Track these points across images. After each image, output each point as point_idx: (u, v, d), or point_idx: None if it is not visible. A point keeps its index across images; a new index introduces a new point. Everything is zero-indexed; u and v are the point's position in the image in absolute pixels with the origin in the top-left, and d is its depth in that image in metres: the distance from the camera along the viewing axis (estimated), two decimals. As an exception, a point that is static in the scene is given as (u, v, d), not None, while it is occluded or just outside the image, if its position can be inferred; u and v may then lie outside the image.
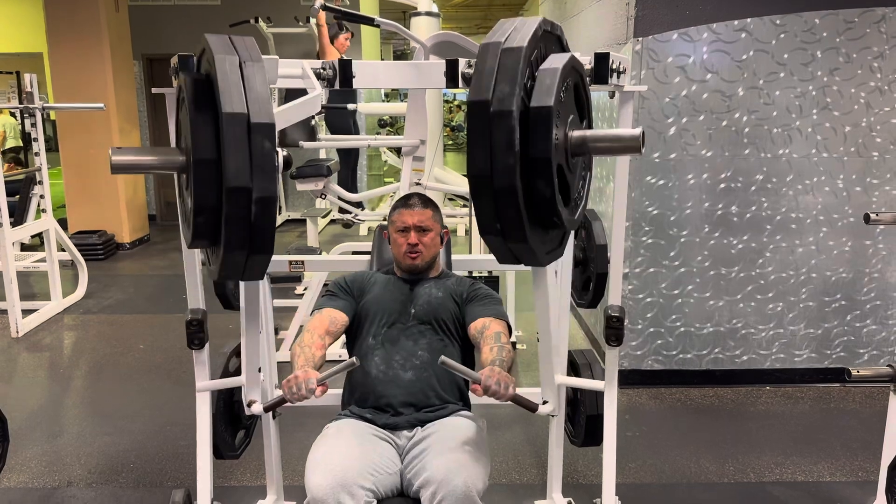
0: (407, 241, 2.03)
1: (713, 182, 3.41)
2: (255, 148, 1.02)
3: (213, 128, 1.07)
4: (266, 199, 1.04)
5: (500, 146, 1.01)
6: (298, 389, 1.65)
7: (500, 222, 1.06)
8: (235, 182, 1.02)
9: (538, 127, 1.03)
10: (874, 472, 2.64)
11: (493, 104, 1.01)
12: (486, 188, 1.03)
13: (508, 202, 1.03)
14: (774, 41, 3.29)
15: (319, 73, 1.82)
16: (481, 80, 1.04)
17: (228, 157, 1.02)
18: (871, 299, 3.56)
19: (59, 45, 6.33)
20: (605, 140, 1.18)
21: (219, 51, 1.09)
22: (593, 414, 2.23)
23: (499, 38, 1.08)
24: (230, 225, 1.05)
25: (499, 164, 1.01)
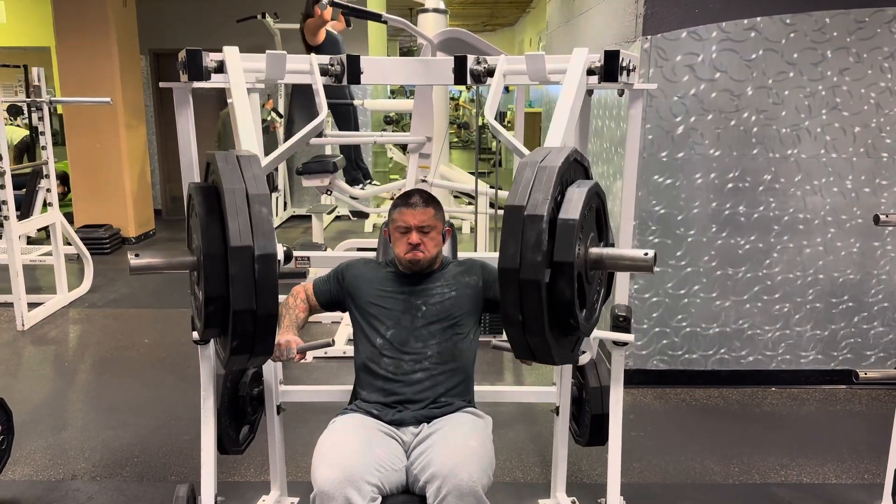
0: (408, 240, 2.00)
1: (721, 182, 3.40)
2: (260, 275, 1.19)
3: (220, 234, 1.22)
4: (267, 316, 1.21)
5: (530, 245, 1.15)
6: (281, 354, 1.85)
7: (523, 313, 1.18)
8: (240, 306, 1.19)
9: (564, 235, 1.17)
10: (880, 474, 2.63)
11: (527, 209, 1.16)
12: (513, 280, 1.16)
13: (532, 294, 1.16)
14: (784, 40, 3.27)
15: (327, 68, 1.82)
16: (518, 189, 1.18)
17: (234, 288, 1.18)
18: (879, 301, 3.55)
19: (67, 40, 6.34)
20: (620, 259, 1.31)
21: (227, 183, 1.23)
22: (598, 413, 2.22)
23: (536, 157, 1.23)
24: (236, 337, 1.22)
25: (527, 260, 1.15)
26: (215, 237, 1.23)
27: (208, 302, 1.24)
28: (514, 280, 1.17)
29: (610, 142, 3.86)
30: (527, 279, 1.15)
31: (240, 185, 1.23)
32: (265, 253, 1.19)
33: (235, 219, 1.19)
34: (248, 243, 1.19)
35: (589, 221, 1.29)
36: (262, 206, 1.22)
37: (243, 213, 1.20)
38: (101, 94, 5.37)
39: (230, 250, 1.18)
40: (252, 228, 1.19)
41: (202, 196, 1.29)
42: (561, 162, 1.21)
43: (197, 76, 1.68)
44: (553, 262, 1.17)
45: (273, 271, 1.21)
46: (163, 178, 8.26)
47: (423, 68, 1.94)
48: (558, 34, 5.59)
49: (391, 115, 9.45)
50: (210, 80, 1.71)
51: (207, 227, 1.24)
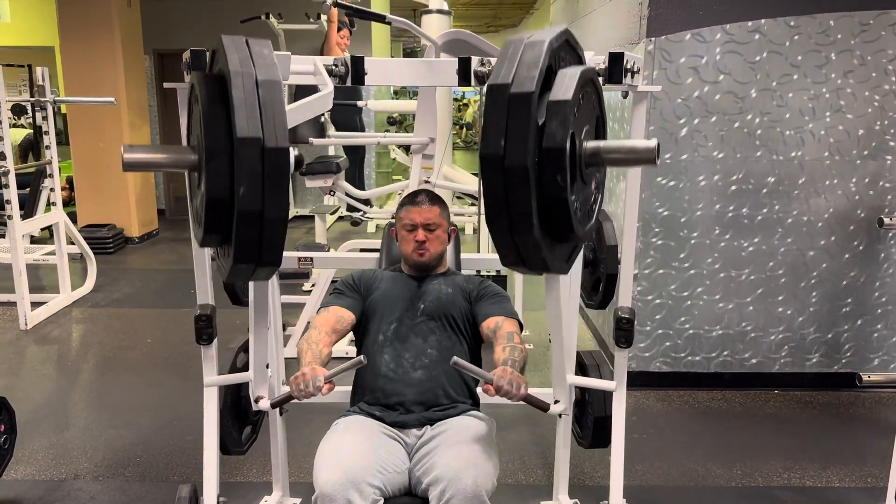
0: (415, 238, 2.03)
1: (724, 184, 3.39)
2: (269, 173, 1.03)
3: (226, 126, 1.07)
4: (277, 220, 1.06)
5: (516, 126, 0.99)
6: (306, 387, 1.65)
7: (508, 208, 1.02)
8: (247, 206, 1.04)
9: (555, 119, 1.02)
10: (883, 478, 2.62)
11: (512, 86, 1.00)
12: (497, 168, 1.00)
13: (519, 184, 1.00)
14: (788, 43, 3.26)
15: (331, 69, 1.81)
16: (503, 66, 1.03)
17: (240, 181, 1.03)
18: (883, 304, 3.54)
19: (71, 40, 6.35)
20: (619, 151, 1.15)
21: (234, 63, 1.08)
22: (601, 416, 2.22)
23: (523, 36, 1.10)
24: (240, 244, 1.07)
25: (512, 145, 0.99)
26: (220, 128, 1.07)
27: (210, 203, 1.08)
28: (497, 168, 1.01)
29: (613, 143, 3.85)
30: (512, 165, 1.00)
31: (249, 69, 1.07)
32: (276, 146, 1.04)
33: (242, 107, 1.03)
34: (257, 135, 1.03)
35: (583, 113, 1.13)
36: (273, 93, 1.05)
37: (252, 101, 1.04)
38: (105, 94, 5.39)
39: (236, 141, 1.03)
40: (262, 118, 1.04)
41: (205, 83, 1.14)
42: (552, 37, 1.06)
43: (201, 76, 1.67)
44: (542, 149, 1.01)
45: (285, 167, 1.06)
46: (166, 178, 8.27)
47: (427, 69, 1.93)
48: (562, 36, 5.58)
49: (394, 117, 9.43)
50: (214, 80, 1.70)
51: (210, 118, 1.08)
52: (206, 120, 1.07)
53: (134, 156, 1.17)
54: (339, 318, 1.99)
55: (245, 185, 1.02)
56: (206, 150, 1.06)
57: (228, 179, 1.05)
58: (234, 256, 1.09)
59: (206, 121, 1.07)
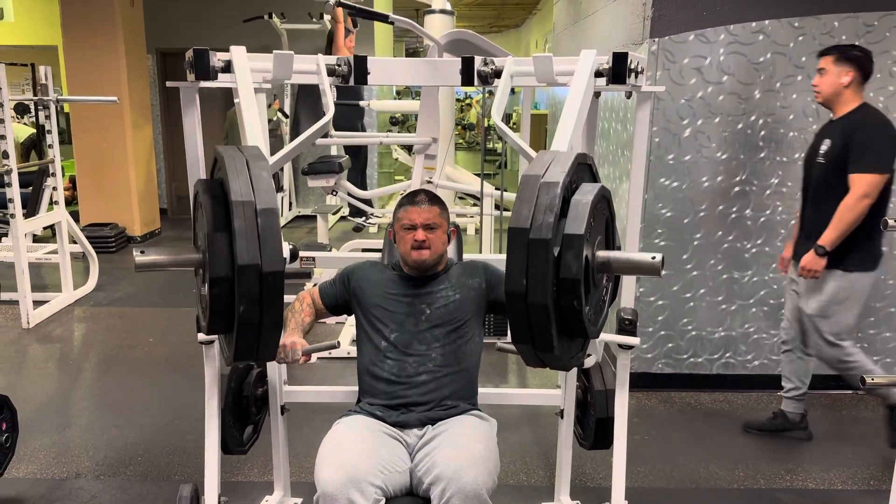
0: (414, 237, 2.00)
1: (727, 185, 3.38)
2: (266, 291, 1.18)
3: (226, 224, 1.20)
4: (272, 327, 1.20)
5: (536, 270, 1.14)
6: (286, 356, 1.85)
7: (532, 334, 1.19)
8: (247, 319, 1.18)
9: (570, 252, 1.16)
10: (886, 480, 2.61)
11: (531, 232, 1.14)
12: (521, 304, 1.17)
13: (540, 317, 1.16)
14: (792, 43, 3.26)
15: (334, 69, 1.81)
16: (521, 210, 1.17)
17: (241, 298, 1.17)
18: (886, 307, 3.52)
19: (74, 39, 6.36)
20: (627, 263, 1.30)
21: (229, 155, 1.25)
22: (603, 417, 2.21)
23: (538, 170, 1.20)
24: (239, 347, 1.21)
25: (533, 285, 1.15)
26: (223, 244, 1.20)
27: (213, 302, 1.22)
28: (522, 304, 1.17)
29: (616, 144, 3.85)
30: (534, 303, 1.15)
31: (249, 197, 1.20)
32: (272, 270, 1.18)
33: (243, 236, 1.17)
34: (256, 261, 1.17)
35: (596, 225, 1.27)
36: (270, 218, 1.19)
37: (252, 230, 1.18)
38: (108, 93, 5.39)
39: (237, 269, 1.17)
40: (260, 245, 1.17)
41: (209, 192, 1.27)
42: (562, 178, 1.19)
43: (204, 76, 1.68)
44: (559, 279, 1.16)
45: (280, 287, 1.19)
46: (169, 177, 8.28)
47: (430, 69, 1.93)
48: (565, 36, 5.59)
49: (397, 116, 9.44)
50: (217, 79, 1.70)
51: (215, 228, 1.22)
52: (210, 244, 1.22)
53: (145, 259, 1.35)
54: (316, 299, 2.13)
55: (245, 305, 1.17)
56: (210, 278, 1.21)
57: (230, 283, 1.19)
58: (234, 355, 1.24)
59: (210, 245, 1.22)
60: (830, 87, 2.79)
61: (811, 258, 2.79)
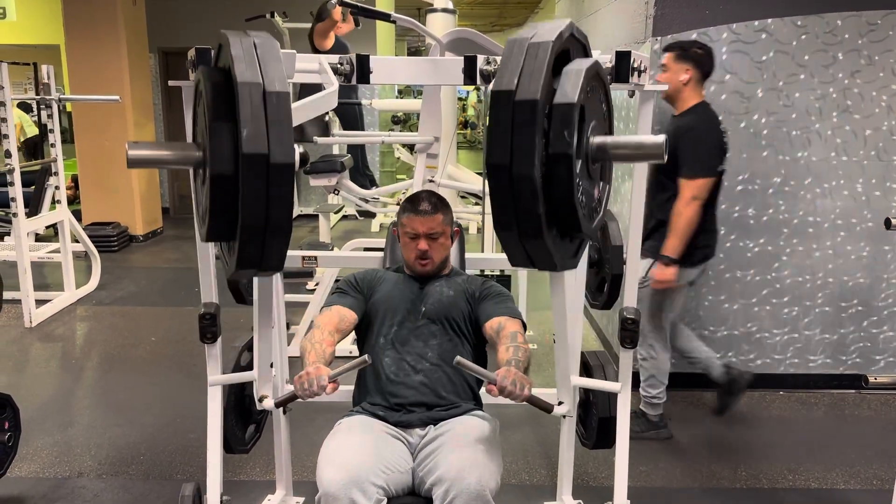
0: (417, 246, 2.00)
1: (730, 184, 3.37)
2: (272, 115, 1.03)
3: (231, 120, 1.06)
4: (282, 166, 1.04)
5: (522, 135, 0.99)
6: (310, 386, 1.63)
7: (517, 216, 1.03)
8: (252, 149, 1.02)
9: (561, 122, 1.02)
10: (889, 480, 2.60)
11: (517, 93, 1.00)
12: (504, 178, 1.01)
13: (526, 193, 1.01)
14: (795, 42, 3.25)
15: (336, 67, 1.81)
16: (506, 71, 1.02)
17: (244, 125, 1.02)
18: (889, 305, 3.52)
19: (76, 38, 6.36)
20: (626, 147, 1.15)
21: (233, 36, 1.10)
22: (606, 416, 2.21)
23: (526, 34, 1.08)
24: (243, 251, 1.06)
25: (519, 153, 1.00)
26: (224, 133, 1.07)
27: (214, 205, 1.08)
28: (505, 177, 1.02)
29: (618, 143, 3.84)
30: (520, 175, 1.01)
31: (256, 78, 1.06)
32: (282, 162, 1.04)
33: (250, 122, 1.03)
34: (263, 150, 1.03)
35: (589, 108, 1.13)
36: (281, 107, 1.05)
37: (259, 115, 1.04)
38: (111, 93, 5.39)
39: (242, 157, 1.03)
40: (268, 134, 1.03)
41: (210, 79, 1.13)
42: (555, 36, 1.05)
43: (206, 74, 1.67)
44: (549, 155, 1.02)
45: (289, 183, 1.05)
46: (171, 176, 8.28)
47: (432, 68, 1.93)
48: (567, 35, 5.57)
49: (399, 115, 9.43)
50: (219, 78, 1.70)
51: (216, 117, 1.08)
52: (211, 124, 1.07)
53: (138, 152, 1.17)
54: (342, 317, 1.98)
55: (249, 199, 1.03)
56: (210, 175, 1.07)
57: (233, 193, 1.05)
58: (237, 263, 1.09)
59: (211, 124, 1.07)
60: (670, 83, 2.83)
61: (660, 270, 2.81)
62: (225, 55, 1.14)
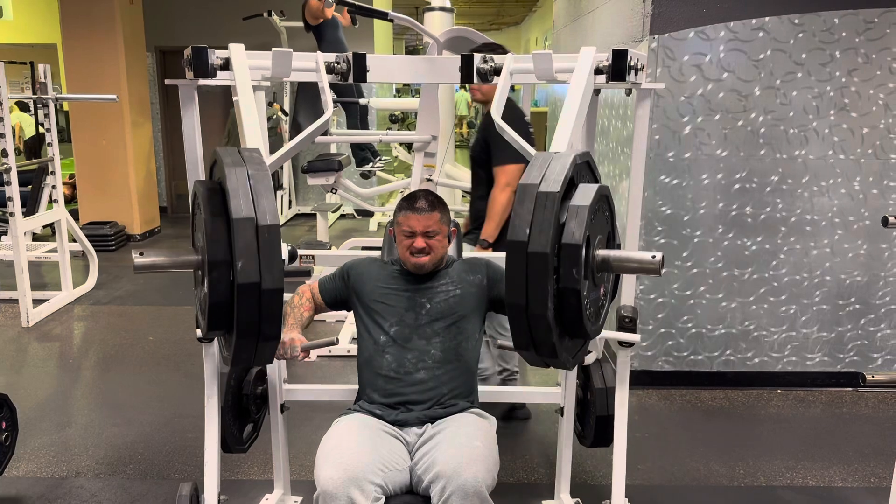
0: (413, 244, 2.00)
1: (728, 182, 3.38)
2: (264, 248, 1.18)
3: (225, 231, 1.20)
4: (273, 291, 1.19)
5: (536, 282, 1.15)
6: (285, 353, 1.86)
7: (535, 343, 1.21)
8: (245, 279, 1.17)
9: (568, 262, 1.16)
10: (887, 478, 2.61)
11: (529, 245, 1.15)
12: (522, 315, 1.18)
13: (541, 328, 1.18)
14: (792, 41, 3.25)
15: (333, 66, 1.81)
16: (519, 222, 1.17)
17: (239, 258, 1.17)
18: (886, 303, 3.52)
19: (74, 37, 6.35)
20: (627, 262, 1.30)
21: (229, 163, 1.24)
22: (603, 414, 2.21)
23: (534, 179, 1.20)
24: (241, 316, 1.20)
25: (533, 298, 1.16)
26: (219, 223, 1.22)
27: (212, 302, 1.23)
28: (522, 315, 1.19)
29: (616, 141, 3.84)
30: (534, 314, 1.17)
31: (240, 165, 1.22)
32: (268, 224, 1.19)
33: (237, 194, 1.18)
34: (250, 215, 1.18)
35: (598, 223, 1.27)
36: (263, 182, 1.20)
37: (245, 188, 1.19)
38: (108, 92, 5.38)
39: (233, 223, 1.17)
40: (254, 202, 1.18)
41: (206, 189, 1.28)
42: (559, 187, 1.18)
43: (202, 73, 1.67)
44: (560, 289, 1.18)
45: (277, 244, 1.19)
46: (168, 175, 8.27)
47: (429, 66, 1.93)
48: (565, 33, 5.58)
49: (396, 114, 9.43)
50: (216, 77, 1.70)
51: (212, 211, 1.23)
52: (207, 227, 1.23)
53: (144, 261, 1.35)
54: (315, 294, 2.14)
55: (243, 322, 1.19)
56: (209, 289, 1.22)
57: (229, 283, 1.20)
58: (233, 361, 1.25)
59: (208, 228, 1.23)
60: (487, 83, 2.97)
61: (478, 252, 2.92)
62: (219, 170, 1.30)
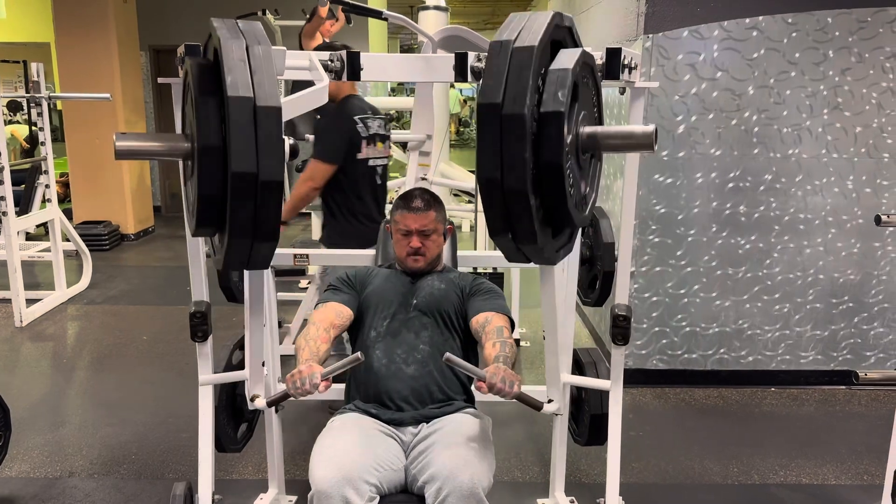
0: (409, 243, 2.00)
1: (721, 181, 3.39)
2: (262, 132, 1.01)
3: (218, 113, 1.05)
4: (271, 183, 1.03)
5: (511, 151, 0.99)
6: (302, 384, 1.61)
7: (511, 225, 1.05)
8: (240, 167, 1.01)
9: (549, 131, 1.01)
10: (880, 475, 2.62)
11: (503, 107, 0.99)
12: (496, 192, 1.02)
13: (519, 206, 1.02)
14: (786, 40, 3.26)
15: (327, 64, 1.80)
16: (492, 82, 1.01)
17: (234, 142, 1.01)
18: (879, 302, 3.54)
19: (67, 36, 6.32)
20: (616, 137, 1.16)
21: (224, 34, 1.08)
22: (598, 413, 2.22)
23: (509, 35, 1.05)
24: (235, 210, 1.04)
25: (509, 169, 1.00)
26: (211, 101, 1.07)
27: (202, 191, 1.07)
28: (497, 191, 1.03)
29: (610, 141, 3.84)
30: (511, 190, 1.02)
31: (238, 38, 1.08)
32: (268, 105, 1.02)
33: (233, 70, 1.02)
34: (248, 94, 1.02)
35: (578, 100, 1.12)
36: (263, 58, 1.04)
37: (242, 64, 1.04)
38: (101, 90, 5.36)
39: (227, 101, 1.01)
40: (252, 78, 1.02)
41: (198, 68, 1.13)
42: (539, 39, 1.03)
43: (196, 72, 1.66)
44: (540, 164, 1.03)
45: (279, 127, 1.04)
46: (162, 174, 8.24)
47: (423, 65, 1.92)
48: (559, 32, 5.58)
49: (391, 113, 9.42)
50: (209, 75, 1.69)
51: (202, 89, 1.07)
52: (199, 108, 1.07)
53: (126, 143, 1.16)
54: (338, 313, 1.97)
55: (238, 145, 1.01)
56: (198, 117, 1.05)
57: (222, 172, 1.04)
58: (229, 229, 1.07)
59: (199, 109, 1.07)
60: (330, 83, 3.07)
61: None
62: (212, 37, 1.14)
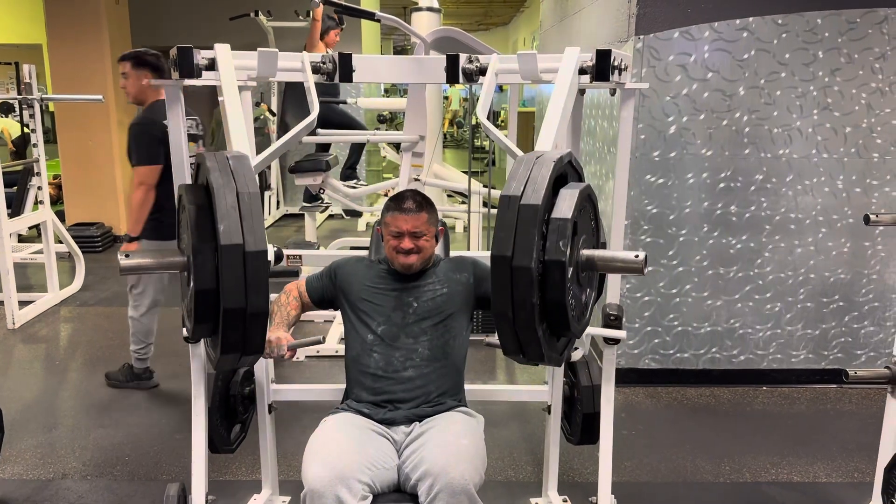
0: (401, 245, 2.00)
1: (713, 181, 3.41)
2: (250, 273, 1.20)
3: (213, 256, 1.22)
4: (258, 314, 1.22)
5: (520, 294, 1.18)
6: (271, 352, 1.86)
7: (513, 304, 1.22)
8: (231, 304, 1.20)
9: (553, 276, 1.19)
10: (870, 473, 2.64)
11: (522, 199, 1.18)
12: (508, 325, 1.21)
13: (528, 336, 1.22)
14: (776, 41, 3.28)
15: (319, 66, 1.81)
16: (502, 235, 1.19)
17: (225, 281, 1.20)
18: (870, 300, 3.56)
19: (59, 37, 6.30)
20: (611, 261, 1.33)
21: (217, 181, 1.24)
22: (590, 412, 2.23)
23: (516, 189, 1.22)
24: (226, 335, 1.24)
25: (519, 308, 1.19)
26: (206, 235, 1.23)
27: (198, 300, 1.23)
28: (510, 326, 1.21)
29: (602, 141, 3.87)
30: (519, 266, 1.18)
31: (230, 183, 1.23)
32: (256, 250, 1.20)
33: (226, 217, 1.19)
34: (238, 241, 1.19)
35: (582, 223, 1.29)
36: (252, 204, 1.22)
37: (233, 211, 1.20)
38: (93, 92, 5.34)
39: (221, 248, 1.19)
40: (242, 227, 1.20)
41: (192, 195, 1.27)
42: (556, 159, 1.22)
43: (188, 74, 1.67)
44: (545, 260, 1.19)
45: (264, 269, 1.21)
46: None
47: (415, 67, 1.93)
48: (552, 33, 5.60)
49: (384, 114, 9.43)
50: (201, 77, 1.70)
51: (198, 226, 1.24)
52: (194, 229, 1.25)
53: (130, 262, 1.35)
54: (302, 292, 2.14)
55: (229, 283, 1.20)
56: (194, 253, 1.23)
57: (214, 279, 1.21)
58: (221, 347, 1.25)
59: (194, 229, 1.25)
60: (135, 87, 3.29)
61: (125, 245, 3.26)
62: (203, 169, 1.31)
